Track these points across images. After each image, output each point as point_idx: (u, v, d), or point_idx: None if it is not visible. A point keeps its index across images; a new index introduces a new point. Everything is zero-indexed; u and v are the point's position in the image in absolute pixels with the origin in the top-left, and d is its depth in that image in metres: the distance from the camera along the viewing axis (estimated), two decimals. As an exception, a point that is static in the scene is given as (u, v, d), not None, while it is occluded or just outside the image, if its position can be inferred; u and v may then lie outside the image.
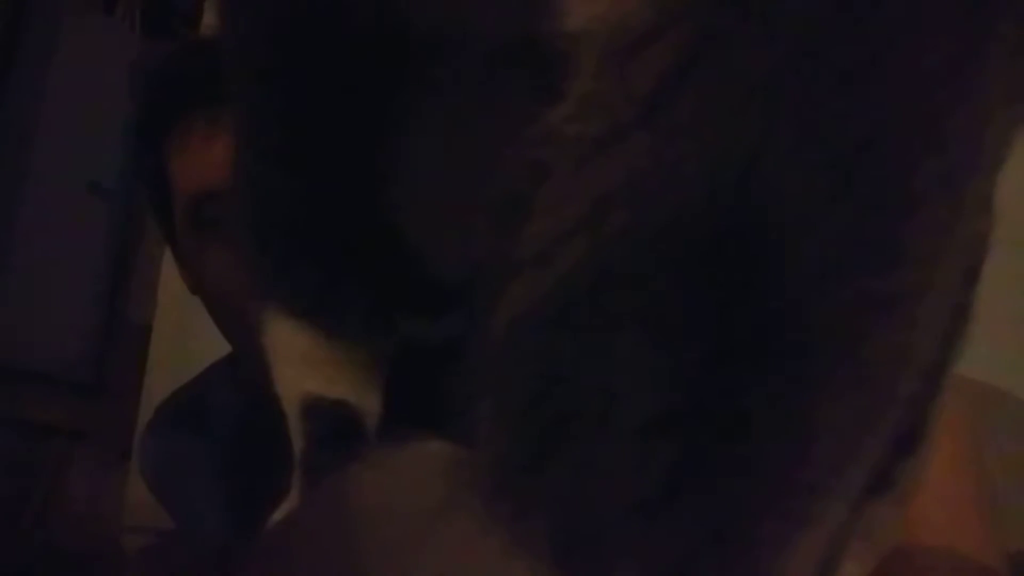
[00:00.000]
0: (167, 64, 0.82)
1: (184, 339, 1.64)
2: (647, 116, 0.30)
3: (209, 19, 1.72)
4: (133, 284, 1.83)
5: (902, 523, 0.38)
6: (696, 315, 0.30)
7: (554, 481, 0.31)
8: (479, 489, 0.32)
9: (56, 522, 1.64)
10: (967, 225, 0.32)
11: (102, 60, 1.77)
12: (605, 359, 0.30)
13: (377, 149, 0.41)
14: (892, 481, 0.35)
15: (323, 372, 0.49)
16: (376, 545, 0.34)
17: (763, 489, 0.30)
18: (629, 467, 0.30)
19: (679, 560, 0.30)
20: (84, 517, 1.64)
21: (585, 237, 0.31)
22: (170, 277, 1.74)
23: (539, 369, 0.31)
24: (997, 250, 0.38)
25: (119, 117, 1.82)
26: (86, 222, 1.76)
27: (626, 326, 0.30)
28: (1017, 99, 0.32)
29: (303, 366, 0.49)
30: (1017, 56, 0.32)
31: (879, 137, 0.29)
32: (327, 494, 0.41)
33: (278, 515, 0.49)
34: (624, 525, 0.30)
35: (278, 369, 0.50)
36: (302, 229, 0.48)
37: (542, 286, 0.31)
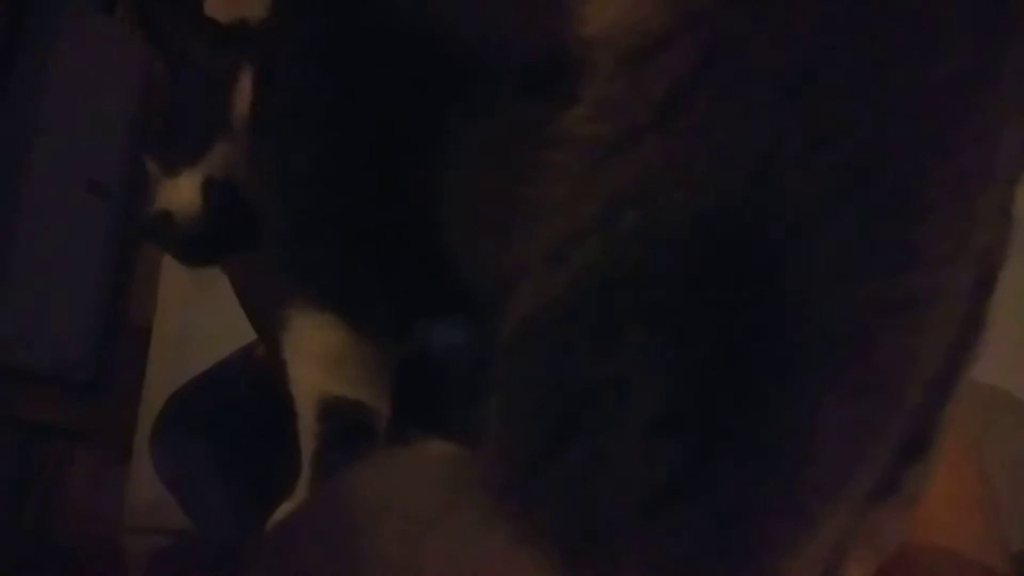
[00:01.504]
0: None
1: (184, 339, 1.65)
2: (661, 118, 0.30)
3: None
4: (133, 284, 1.83)
5: (906, 527, 0.38)
6: (704, 314, 0.30)
7: (561, 478, 0.31)
8: (486, 485, 0.33)
9: (56, 522, 1.64)
10: (979, 233, 0.32)
11: (102, 60, 1.77)
12: (614, 357, 0.30)
13: (417, 157, 0.42)
14: (897, 486, 0.35)
15: (345, 372, 0.49)
16: (380, 541, 0.34)
17: (768, 489, 0.30)
18: (636, 464, 0.30)
19: (684, 558, 0.30)
20: (84, 517, 1.64)
21: (599, 236, 0.31)
22: (170, 277, 1.74)
23: (548, 366, 0.32)
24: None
25: (119, 117, 1.82)
26: (86, 222, 1.76)
27: (635, 324, 0.30)
28: None
29: (326, 365, 0.49)
30: None
31: (890, 142, 0.30)
32: (330, 493, 0.41)
33: (279, 515, 0.49)
34: (630, 522, 0.30)
35: (297, 368, 0.50)
36: (342, 226, 0.48)
37: (554, 285, 0.32)
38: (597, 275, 0.31)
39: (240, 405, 0.80)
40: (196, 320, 1.64)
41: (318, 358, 0.49)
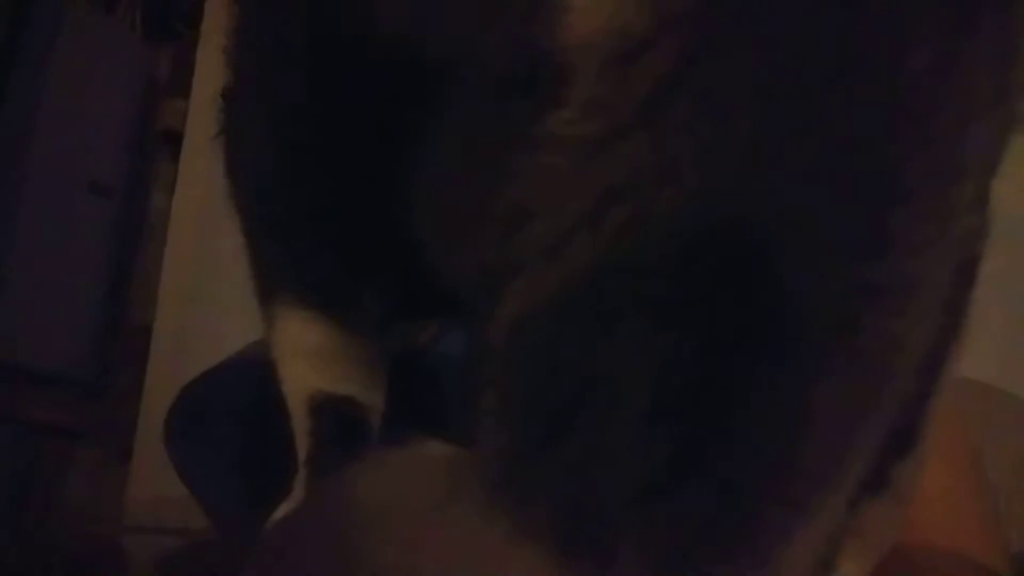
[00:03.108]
0: None
1: (184, 339, 1.65)
2: (646, 116, 0.31)
3: (210, 19, 1.72)
4: (133, 284, 1.83)
5: (900, 523, 0.38)
6: (695, 304, 0.30)
7: (557, 469, 0.32)
8: (482, 479, 0.33)
9: (56, 522, 1.64)
10: (957, 221, 0.33)
11: (102, 60, 1.77)
12: (607, 350, 0.31)
13: (393, 160, 0.43)
14: (888, 480, 0.36)
15: (334, 369, 0.49)
16: (378, 541, 0.34)
17: (763, 476, 0.31)
18: (631, 454, 0.30)
19: (681, 546, 0.31)
20: (84, 517, 1.64)
21: (588, 232, 0.31)
22: (170, 277, 1.74)
23: (543, 359, 0.32)
24: (997, 250, 0.38)
25: (119, 117, 1.82)
26: (86, 222, 1.76)
27: (627, 316, 0.31)
28: (1007, 99, 0.33)
29: (314, 361, 0.49)
30: (1004, 57, 0.32)
31: (868, 134, 0.30)
32: (327, 494, 0.41)
33: (278, 514, 0.49)
34: (627, 512, 0.31)
35: (286, 365, 0.50)
36: (321, 222, 0.48)
37: (546, 283, 0.32)
38: (588, 271, 0.31)
39: (255, 397, 0.80)
40: (196, 320, 1.64)
41: (305, 355, 0.49)
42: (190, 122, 1.74)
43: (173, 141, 1.81)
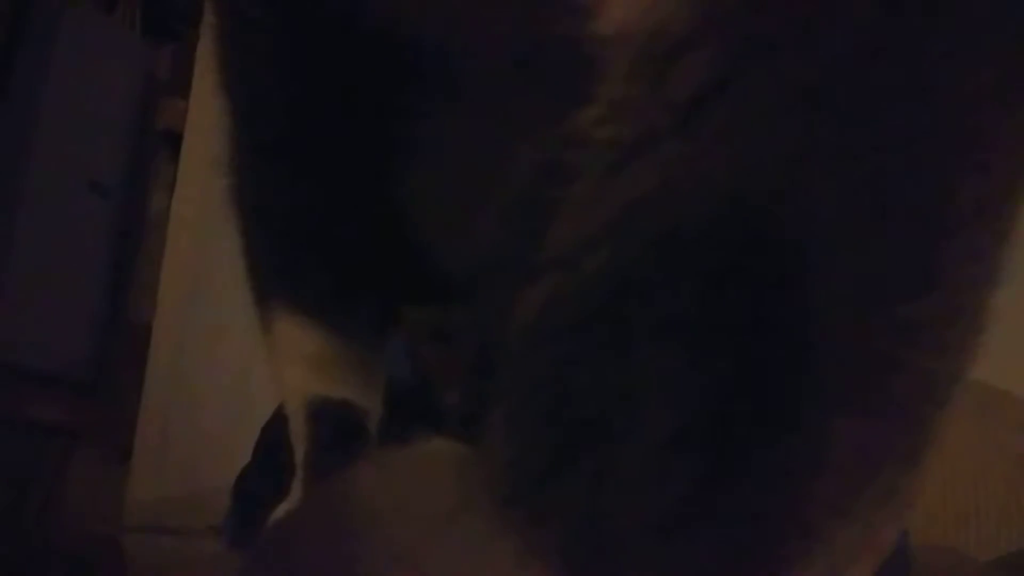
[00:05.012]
0: None
1: (184, 339, 1.64)
2: (683, 124, 0.29)
3: (210, 19, 1.72)
4: (133, 284, 1.83)
5: (901, 527, 0.37)
6: (722, 329, 0.28)
7: (570, 491, 0.30)
8: (492, 493, 0.31)
9: (56, 522, 1.63)
10: (1001, 251, 0.31)
11: (102, 60, 1.77)
12: (627, 369, 0.29)
13: (387, 147, 0.41)
14: (894, 490, 0.35)
15: (331, 373, 0.48)
16: (382, 545, 0.33)
17: (782, 506, 0.29)
18: (648, 480, 0.29)
19: (696, 575, 0.29)
20: (84, 517, 1.63)
21: (612, 243, 0.29)
22: (170, 277, 1.74)
23: (558, 375, 0.30)
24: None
25: (119, 117, 1.82)
26: (86, 222, 1.76)
27: (650, 336, 0.29)
28: None
29: (311, 366, 0.48)
30: None
31: (923, 155, 0.28)
32: (329, 494, 0.41)
33: (277, 514, 0.49)
34: (641, 540, 0.29)
35: (284, 370, 0.49)
36: (311, 226, 0.47)
37: (563, 291, 0.30)
38: (609, 283, 0.29)
39: None
40: (196, 320, 1.64)
41: (303, 359, 0.48)
42: (190, 122, 1.74)
43: (173, 141, 1.80)
